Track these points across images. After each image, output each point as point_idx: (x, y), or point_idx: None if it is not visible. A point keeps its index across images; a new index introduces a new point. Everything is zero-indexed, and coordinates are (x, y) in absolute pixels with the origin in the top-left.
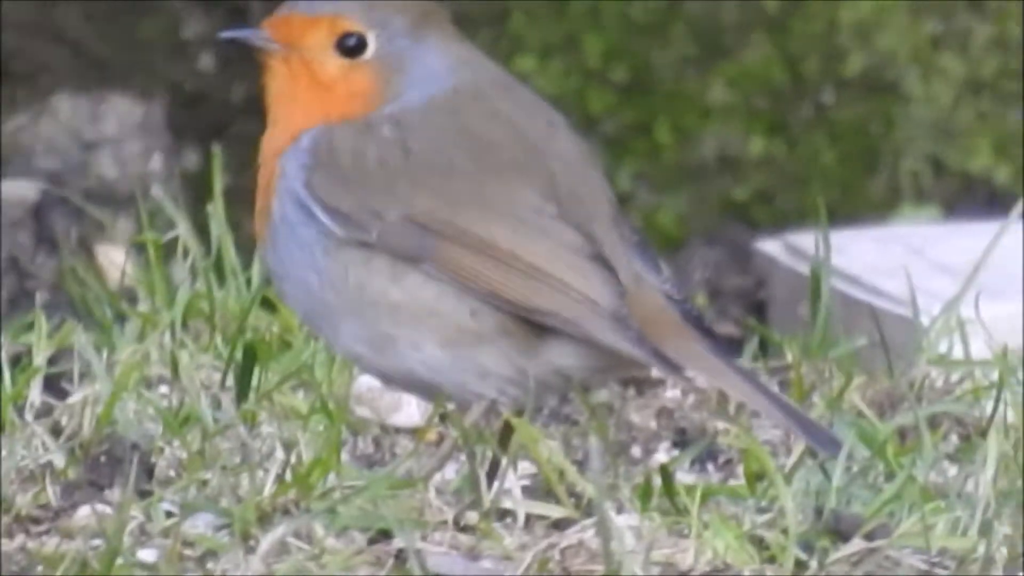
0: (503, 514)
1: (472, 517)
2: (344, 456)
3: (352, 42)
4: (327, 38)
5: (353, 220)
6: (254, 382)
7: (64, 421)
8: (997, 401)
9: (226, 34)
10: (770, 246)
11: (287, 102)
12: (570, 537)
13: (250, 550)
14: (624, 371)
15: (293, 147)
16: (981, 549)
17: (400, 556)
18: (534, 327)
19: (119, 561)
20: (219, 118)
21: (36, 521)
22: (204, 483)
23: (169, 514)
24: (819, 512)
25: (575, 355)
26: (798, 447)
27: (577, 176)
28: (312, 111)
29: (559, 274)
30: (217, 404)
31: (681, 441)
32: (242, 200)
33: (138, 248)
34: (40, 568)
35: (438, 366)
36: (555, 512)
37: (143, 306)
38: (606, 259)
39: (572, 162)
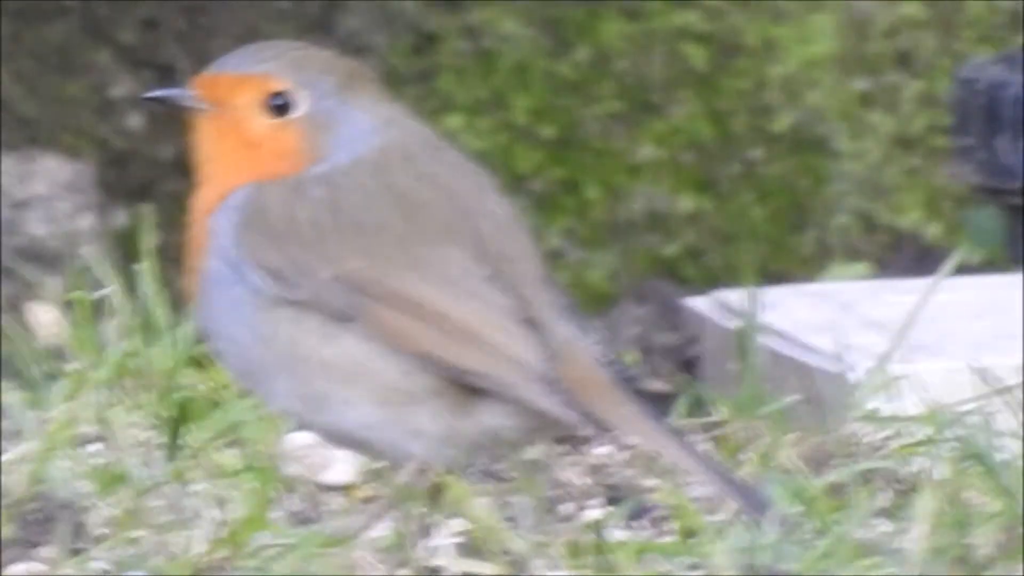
0: (435, 572)
1: (404, 575)
2: (276, 514)
3: (280, 101)
4: (256, 97)
5: (283, 278)
6: (185, 440)
7: None
8: (930, 458)
9: (153, 93)
10: (700, 303)
11: (216, 161)
12: None
13: None
14: (555, 431)
15: (223, 205)
16: None
17: None
18: (467, 388)
19: None
20: (148, 177)
21: None
22: (136, 541)
23: (103, 573)
24: (752, 569)
25: (507, 416)
26: (730, 504)
27: (507, 238)
28: (241, 170)
29: (489, 336)
30: (148, 462)
31: (613, 497)
32: (172, 258)
33: (68, 307)
34: None
35: (371, 424)
36: (487, 570)
37: (74, 365)
38: (536, 322)
39: (501, 223)
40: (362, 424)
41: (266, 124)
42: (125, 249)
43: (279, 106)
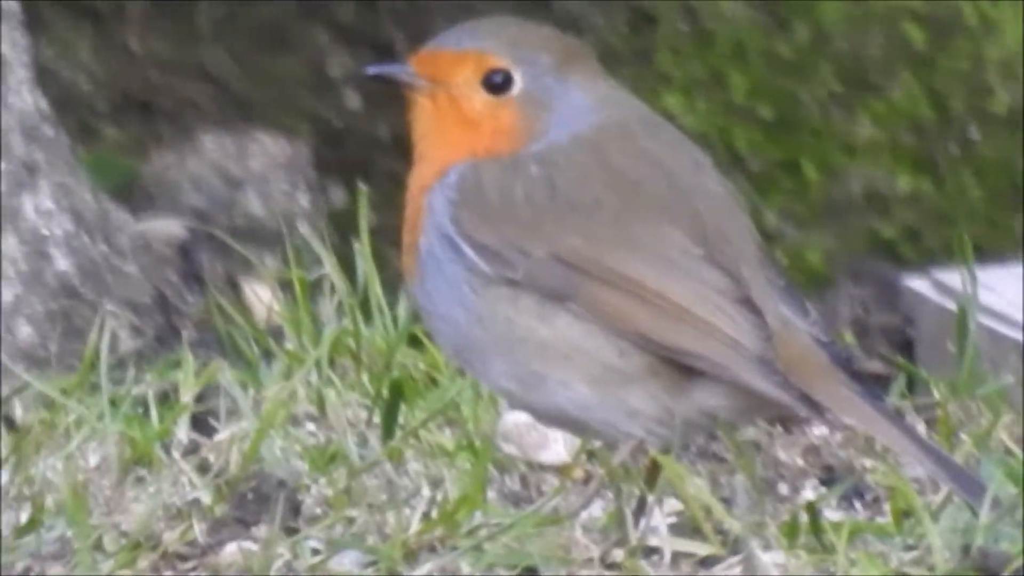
0: (649, 551)
1: (618, 554)
2: (490, 494)
3: (499, 79)
4: (474, 74)
5: (500, 257)
6: (400, 419)
7: (211, 458)
8: None
9: (372, 69)
10: (917, 283)
11: (433, 138)
12: (717, 574)
13: None
14: (770, 412)
15: (440, 183)
16: None
17: None
18: (682, 367)
19: None
20: (365, 155)
21: (183, 558)
22: (350, 521)
23: (315, 552)
24: (966, 550)
25: (722, 396)
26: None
27: (724, 217)
28: (459, 147)
29: (706, 316)
30: (363, 442)
31: (828, 479)
32: (388, 237)
33: (285, 285)
34: None
35: (586, 404)
36: (702, 549)
37: (290, 344)
38: (753, 302)
39: (718, 203)
40: (578, 404)
41: (484, 101)
42: (342, 228)
43: (497, 83)
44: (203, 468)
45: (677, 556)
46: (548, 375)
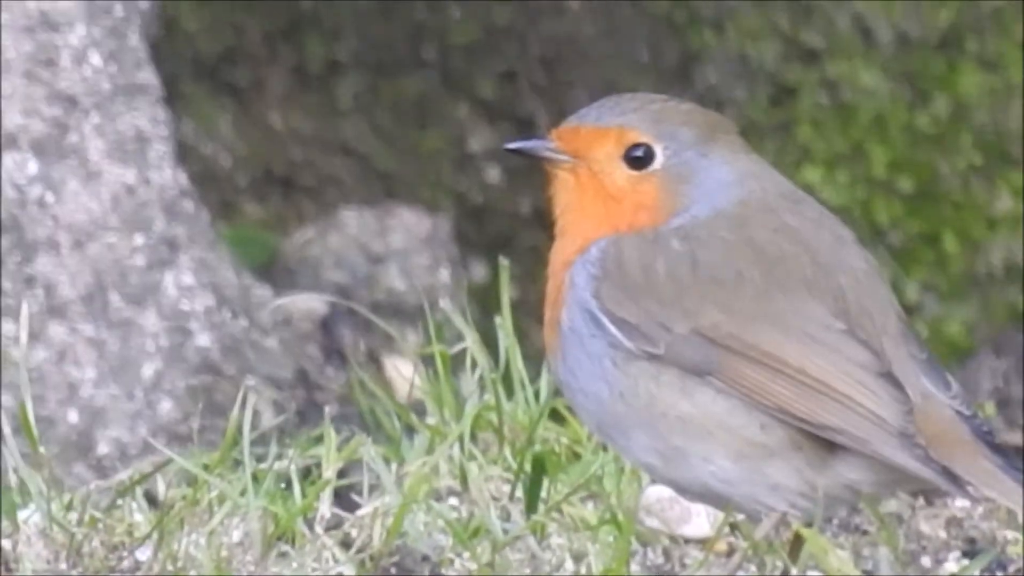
0: None
1: None
2: (634, 567)
3: (640, 153)
4: (615, 149)
5: (641, 332)
6: (543, 493)
7: (354, 533)
8: None
9: (513, 145)
10: None
11: (575, 213)
12: None
13: None
14: (912, 486)
15: (582, 258)
16: None
17: None
18: (824, 441)
19: None
20: (506, 230)
21: None
22: None
23: None
24: None
25: (864, 469)
26: None
27: (865, 292)
28: (601, 222)
29: (847, 391)
30: (506, 516)
31: (971, 551)
32: (529, 311)
33: (426, 360)
34: None
35: (729, 479)
36: None
37: (432, 418)
38: (894, 376)
39: (861, 277)
40: (720, 479)
41: (625, 176)
42: (483, 302)
43: (638, 158)
44: (346, 543)
45: None
46: (690, 450)
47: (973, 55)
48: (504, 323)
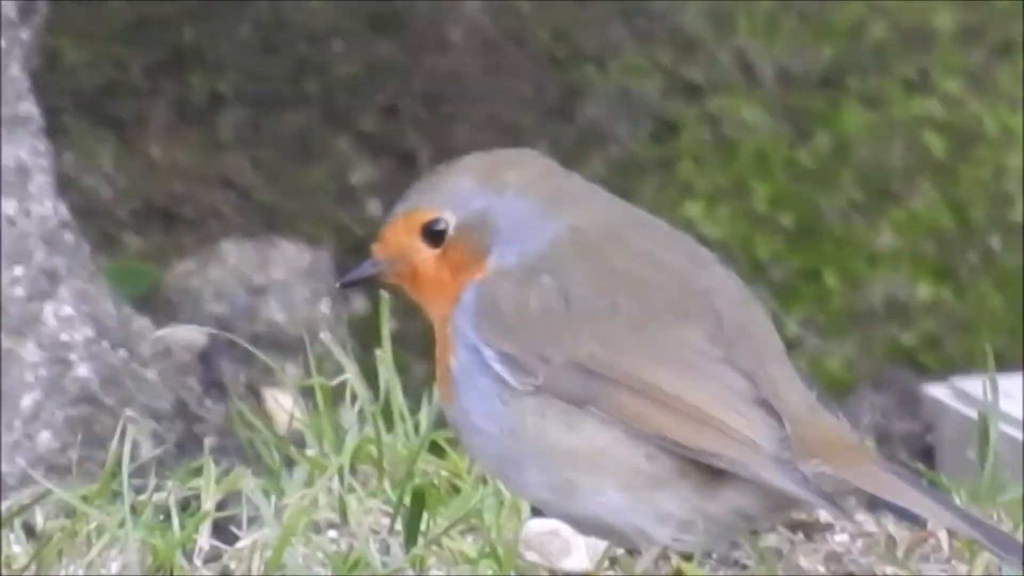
0: None
1: None
2: None
3: (437, 227)
4: (413, 235)
5: (520, 363)
6: (423, 527)
7: (233, 566)
8: None
9: (345, 280)
10: (938, 391)
11: (427, 301)
12: None
13: None
14: (801, 509)
15: (457, 305)
16: None
17: None
18: (710, 469)
19: None
20: None
21: None
22: None
23: None
24: None
25: (750, 495)
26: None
27: (741, 313)
28: (448, 295)
29: (722, 417)
30: (386, 549)
31: None
32: (410, 345)
33: (306, 392)
34: None
35: (618, 509)
36: None
37: (311, 451)
38: (770, 404)
39: (734, 298)
40: (611, 510)
41: (433, 255)
42: (363, 335)
43: (436, 232)
44: None
45: None
46: (581, 482)
47: (855, 92)
48: (384, 356)
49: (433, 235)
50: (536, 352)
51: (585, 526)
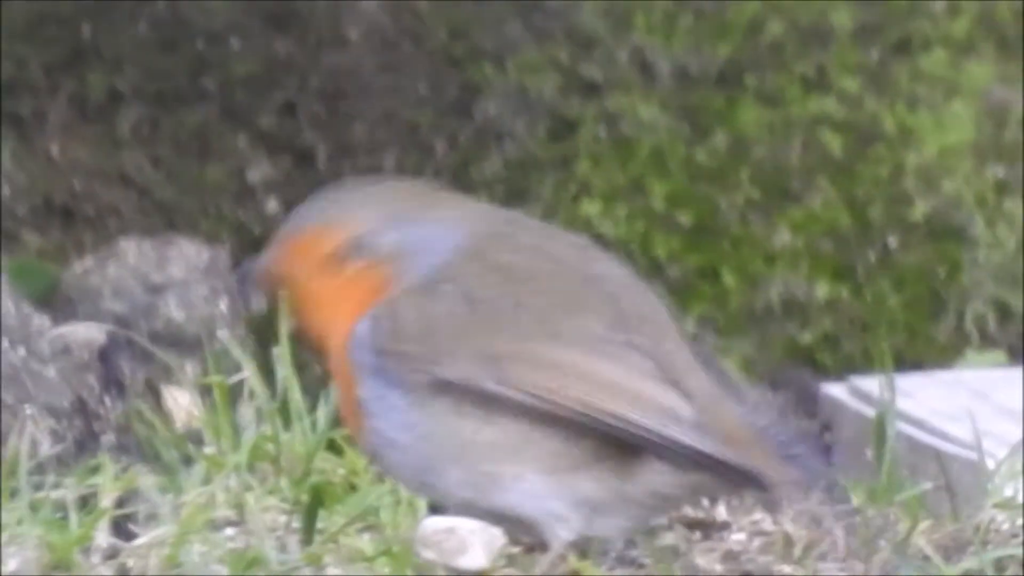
0: None
1: None
2: None
3: (344, 255)
4: (315, 258)
5: (421, 357)
6: (320, 524)
7: (131, 563)
8: None
9: (239, 285)
10: (836, 390)
11: (319, 319)
12: None
13: None
14: (717, 489)
15: (352, 336)
16: None
17: None
18: (628, 450)
19: None
20: None
21: None
22: None
23: None
24: None
25: (668, 474)
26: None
27: (636, 297)
28: (341, 327)
29: (639, 388)
30: (283, 546)
31: None
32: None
33: (204, 390)
34: None
35: (539, 494)
36: None
37: (209, 448)
38: (679, 384)
39: (627, 283)
40: (531, 495)
41: (337, 282)
42: (261, 334)
43: (342, 257)
44: (123, 573)
45: None
46: (501, 472)
47: (752, 90)
48: (282, 354)
49: (338, 262)
50: (439, 348)
51: (510, 521)
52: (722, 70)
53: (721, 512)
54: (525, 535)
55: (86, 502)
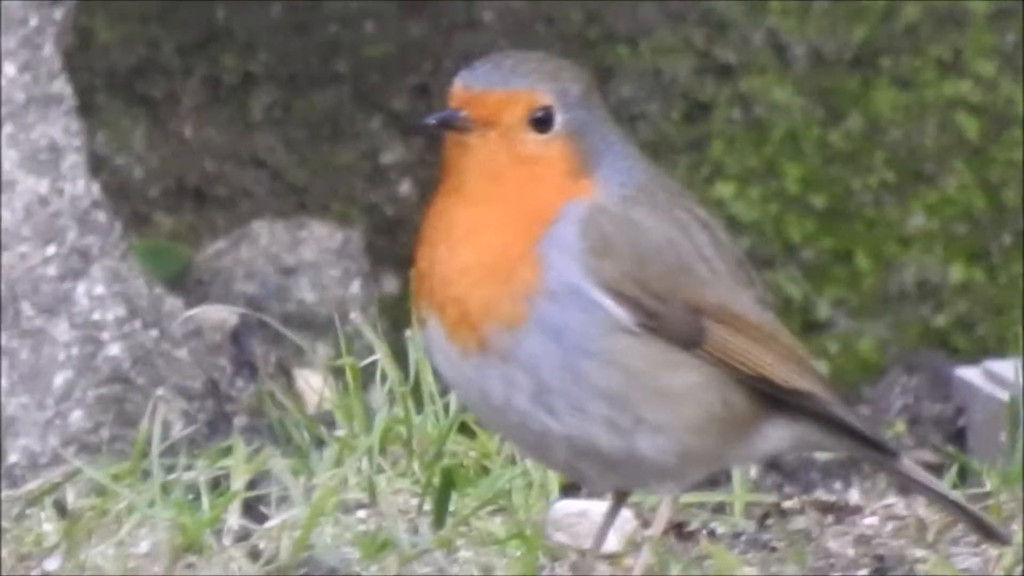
0: None
1: None
2: None
3: (542, 115)
4: (524, 113)
5: (640, 305)
6: (451, 507)
7: (262, 545)
8: None
9: (431, 120)
10: (970, 373)
11: (485, 181)
12: None
13: None
14: (824, 449)
15: (553, 228)
16: None
17: None
18: (762, 412)
19: None
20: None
21: None
22: None
23: None
24: None
25: (787, 438)
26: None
27: (751, 267)
28: (521, 189)
29: (807, 359)
30: (414, 529)
31: (879, 568)
32: None
33: (336, 373)
34: None
35: (676, 449)
36: None
37: (341, 431)
38: None
39: (740, 254)
40: (659, 450)
41: (532, 140)
42: (394, 316)
43: (541, 120)
44: (254, 555)
45: None
46: (650, 420)
47: (887, 73)
48: (414, 336)
49: (539, 123)
50: (655, 295)
51: (619, 465)
52: (857, 53)
53: (854, 496)
54: (628, 483)
55: (217, 484)
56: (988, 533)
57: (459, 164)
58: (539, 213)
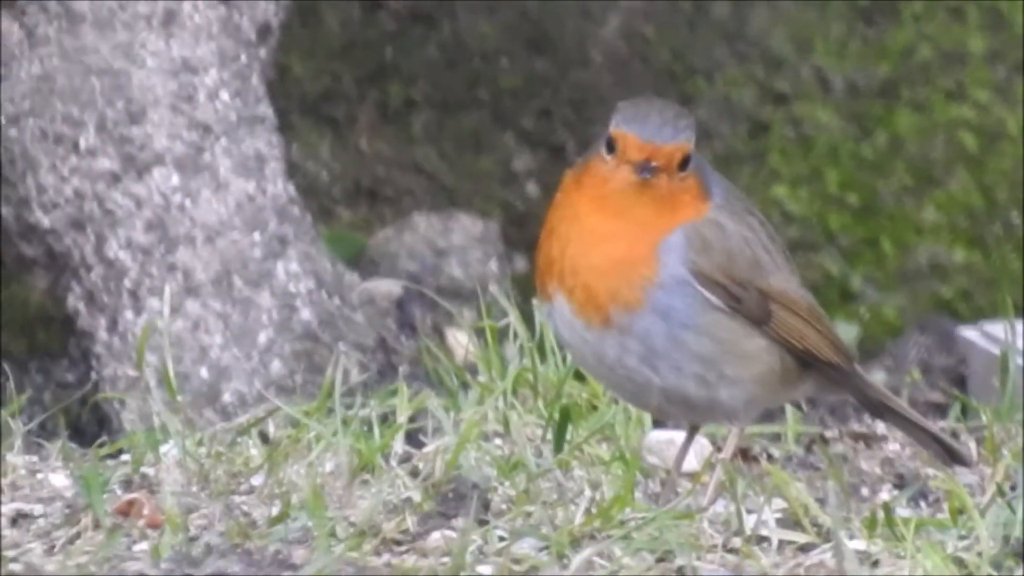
0: (760, 540)
1: (736, 542)
2: (637, 494)
3: (687, 158)
4: (680, 159)
5: (728, 291)
6: (568, 437)
7: (421, 466)
8: None
9: (644, 174)
10: (970, 333)
11: (644, 210)
12: (813, 558)
13: (564, 567)
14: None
15: (666, 243)
16: None
17: (681, 572)
18: (802, 369)
19: (463, 575)
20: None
21: (398, 543)
22: (528, 515)
23: (501, 539)
24: (1007, 539)
25: (814, 387)
26: (991, 490)
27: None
28: (660, 213)
29: (838, 339)
30: (539, 453)
31: (900, 484)
32: None
33: (479, 332)
34: None
35: (746, 397)
36: (801, 539)
37: (482, 377)
38: None
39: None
40: (733, 397)
41: (681, 178)
42: (523, 288)
43: (686, 161)
44: (414, 473)
45: (782, 544)
46: (730, 375)
47: (906, 100)
48: (539, 305)
49: (685, 164)
50: (739, 283)
51: (702, 409)
52: (883, 84)
53: (880, 427)
54: (704, 420)
55: (386, 418)
56: (951, 453)
57: (609, 188)
58: (661, 227)
